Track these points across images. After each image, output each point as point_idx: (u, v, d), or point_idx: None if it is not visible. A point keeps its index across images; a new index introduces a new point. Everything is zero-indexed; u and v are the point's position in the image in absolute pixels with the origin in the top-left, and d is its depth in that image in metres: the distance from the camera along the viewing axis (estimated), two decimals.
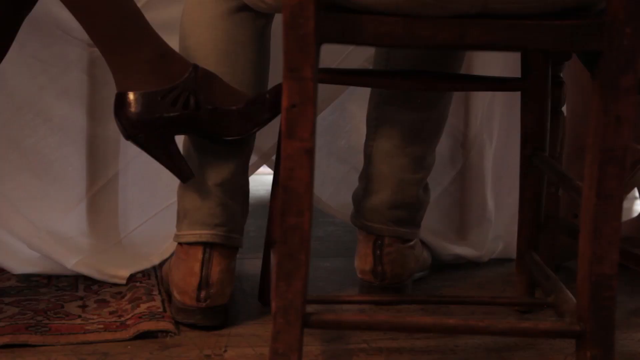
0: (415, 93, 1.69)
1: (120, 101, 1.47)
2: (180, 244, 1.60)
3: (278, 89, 1.53)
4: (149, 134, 1.47)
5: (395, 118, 1.70)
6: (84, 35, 1.73)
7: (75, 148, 1.81)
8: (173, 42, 1.75)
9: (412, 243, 1.75)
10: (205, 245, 1.56)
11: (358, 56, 1.87)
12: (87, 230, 1.83)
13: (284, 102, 1.20)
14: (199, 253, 1.56)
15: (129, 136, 1.48)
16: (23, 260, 1.77)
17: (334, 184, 1.94)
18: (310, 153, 1.20)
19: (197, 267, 1.55)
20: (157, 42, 1.49)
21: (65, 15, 1.74)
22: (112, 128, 1.80)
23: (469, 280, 1.89)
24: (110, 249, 1.82)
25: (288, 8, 1.16)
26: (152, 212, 1.86)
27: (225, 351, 1.50)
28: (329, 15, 1.19)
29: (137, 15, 1.47)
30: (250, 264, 1.87)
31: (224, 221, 1.57)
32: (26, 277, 1.77)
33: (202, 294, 1.54)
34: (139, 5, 1.70)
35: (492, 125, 1.97)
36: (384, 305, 1.69)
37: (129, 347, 1.50)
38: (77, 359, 1.44)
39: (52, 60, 1.76)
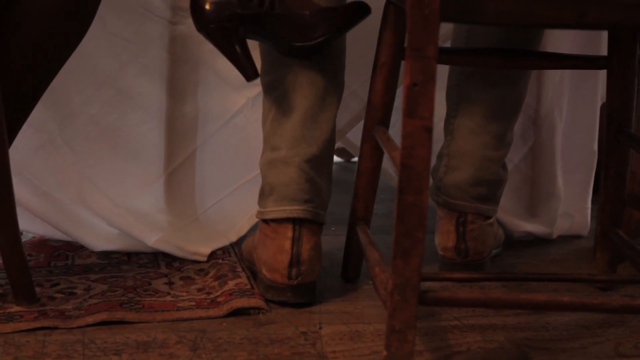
0: (497, 71, 1.70)
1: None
2: (265, 221, 1.60)
3: (354, 4, 1.55)
4: (220, 27, 1.47)
5: (477, 96, 1.71)
6: (166, 13, 1.74)
7: (154, 125, 1.81)
8: None
9: (491, 220, 1.76)
10: (295, 221, 1.56)
11: None
12: (164, 207, 1.83)
13: (406, 81, 1.20)
14: (288, 230, 1.56)
15: (201, 28, 1.49)
16: (102, 237, 1.78)
17: None
18: (430, 131, 1.21)
19: (287, 244, 1.55)
20: None
21: None
22: (191, 106, 1.81)
23: (543, 257, 1.90)
24: (187, 226, 1.82)
25: None
26: (229, 189, 1.86)
27: (320, 328, 1.51)
28: None
29: None
30: (322, 240, 1.87)
31: (312, 197, 1.58)
32: (106, 254, 1.78)
33: (294, 271, 1.55)
34: None
35: (561, 103, 1.97)
36: (466, 282, 1.69)
37: (224, 324, 1.50)
38: (175, 336, 1.45)
39: (133, 38, 1.76)
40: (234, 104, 1.83)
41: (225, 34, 1.48)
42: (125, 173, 1.80)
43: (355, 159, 2.59)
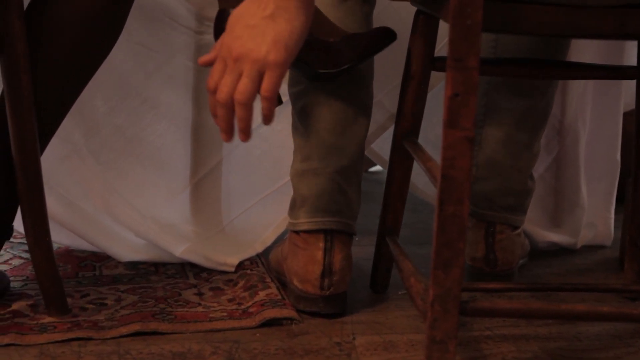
0: (526, 81, 1.70)
1: (221, 18, 1.46)
2: (296, 231, 1.60)
3: (380, 30, 1.55)
4: None
5: (505, 105, 1.71)
6: (191, 23, 1.75)
7: (180, 135, 1.81)
8: None
9: (519, 230, 1.76)
10: (326, 232, 1.56)
11: None
12: (190, 217, 1.83)
13: (447, 91, 1.20)
14: (320, 241, 1.56)
15: None
16: (129, 247, 1.78)
17: None
18: (471, 142, 1.21)
19: (319, 255, 1.55)
20: None
21: (173, 3, 1.74)
22: None
23: (569, 267, 1.90)
24: (213, 236, 1.82)
25: None
26: (254, 200, 1.86)
27: (353, 339, 1.51)
28: (494, 5, 1.19)
29: None
30: None
31: (343, 208, 1.58)
32: (133, 265, 1.78)
33: (326, 282, 1.55)
34: None
35: (585, 112, 1.97)
36: (497, 293, 1.69)
37: (257, 334, 1.50)
38: (210, 347, 1.45)
39: (159, 48, 1.76)
40: (259, 114, 1.82)
41: None
42: (151, 183, 1.81)
43: (375, 168, 2.59)
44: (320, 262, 1.54)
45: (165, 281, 1.70)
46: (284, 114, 1.82)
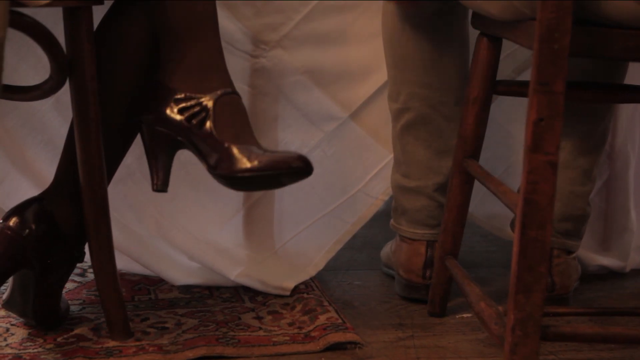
0: (585, 105, 1.70)
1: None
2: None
3: (298, 158, 1.37)
4: (153, 128, 1.43)
5: (564, 130, 1.69)
6: (247, 47, 1.75)
7: None
8: (331, 53, 1.77)
9: (574, 255, 1.76)
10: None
11: (506, 67, 1.87)
12: (243, 241, 1.82)
13: (532, 116, 1.20)
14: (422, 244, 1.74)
15: (142, 121, 1.44)
16: (183, 271, 1.77)
17: (479, 195, 1.93)
18: (555, 167, 1.21)
19: (422, 249, 1.73)
20: (211, 48, 1.46)
21: (230, 27, 1.74)
22: (270, 139, 1.81)
23: (621, 291, 1.90)
24: (266, 259, 1.81)
25: (544, 22, 1.16)
26: (306, 223, 1.84)
27: None
28: (581, 29, 1.20)
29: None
30: None
31: (439, 222, 1.69)
32: (187, 288, 1.77)
33: (427, 272, 1.71)
34: (299, 18, 1.72)
35: (634, 136, 1.97)
36: (552, 317, 1.68)
37: (322, 359, 1.50)
38: None
39: None
40: (311, 138, 1.82)
41: (157, 137, 1.44)
42: (204, 207, 1.80)
43: None
44: (423, 254, 1.72)
45: (222, 305, 1.69)
46: (337, 139, 1.82)
